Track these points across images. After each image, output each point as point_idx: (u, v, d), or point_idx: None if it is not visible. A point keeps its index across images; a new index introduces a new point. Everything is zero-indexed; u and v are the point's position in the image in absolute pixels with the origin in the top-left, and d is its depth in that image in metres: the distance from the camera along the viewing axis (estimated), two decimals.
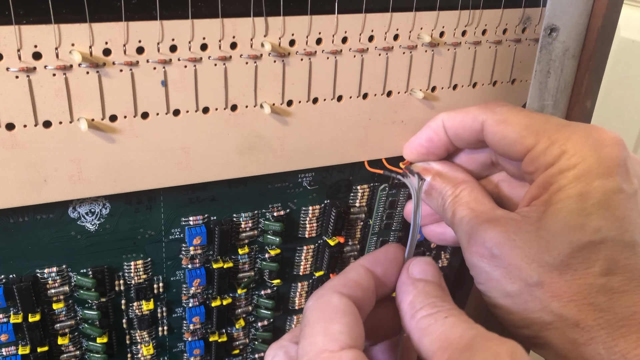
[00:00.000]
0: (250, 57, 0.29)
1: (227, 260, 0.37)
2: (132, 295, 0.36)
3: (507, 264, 0.27)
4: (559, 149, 0.27)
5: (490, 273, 0.27)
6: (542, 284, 0.26)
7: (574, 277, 0.26)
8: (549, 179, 0.27)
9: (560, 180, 0.26)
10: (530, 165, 0.28)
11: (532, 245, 0.26)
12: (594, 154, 0.26)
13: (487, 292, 0.28)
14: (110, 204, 0.32)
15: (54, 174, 0.28)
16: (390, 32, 0.32)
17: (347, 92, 0.33)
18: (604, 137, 0.27)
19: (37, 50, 0.25)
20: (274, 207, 0.37)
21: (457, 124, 0.31)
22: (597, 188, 0.26)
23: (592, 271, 0.26)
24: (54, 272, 0.33)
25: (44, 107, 0.26)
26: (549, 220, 0.26)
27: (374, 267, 0.27)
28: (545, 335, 0.26)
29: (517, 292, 0.27)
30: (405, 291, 0.26)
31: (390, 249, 0.28)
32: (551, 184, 0.27)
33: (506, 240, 0.27)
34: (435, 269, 0.27)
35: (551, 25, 0.33)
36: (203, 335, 0.40)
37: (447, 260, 0.46)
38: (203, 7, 0.27)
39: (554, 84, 0.35)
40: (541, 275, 0.26)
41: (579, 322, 0.26)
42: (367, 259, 0.27)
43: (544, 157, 0.27)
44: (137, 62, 0.27)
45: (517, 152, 0.29)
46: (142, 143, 0.29)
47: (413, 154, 0.34)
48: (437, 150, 0.33)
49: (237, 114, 0.31)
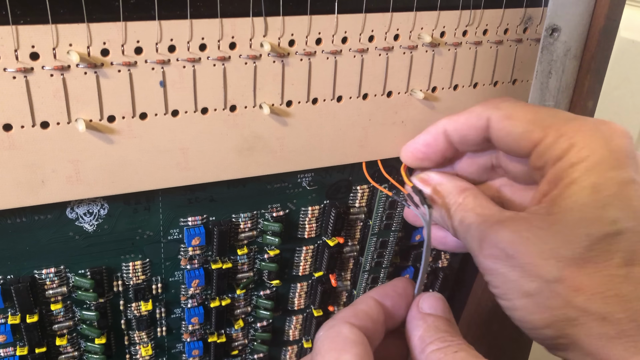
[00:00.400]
0: (250, 57, 0.29)
1: (226, 261, 0.37)
2: (130, 296, 0.36)
3: (523, 262, 0.26)
4: (567, 141, 0.26)
5: (507, 274, 0.27)
6: (563, 279, 0.25)
7: (595, 270, 0.25)
8: (559, 172, 0.26)
9: (571, 174, 0.26)
10: (539, 160, 0.28)
11: (548, 241, 0.26)
12: (604, 145, 0.26)
13: (504, 295, 0.27)
14: (108, 205, 0.32)
15: (51, 174, 0.28)
16: (390, 32, 0.32)
17: (347, 92, 0.33)
18: (613, 129, 0.26)
19: (34, 50, 0.25)
20: (273, 208, 0.37)
21: (461, 125, 0.31)
22: (610, 179, 0.25)
23: (613, 263, 0.25)
24: (52, 273, 0.33)
25: (41, 107, 0.26)
26: (563, 215, 0.26)
27: (383, 299, 0.28)
28: (571, 333, 0.26)
29: (536, 290, 0.26)
30: (416, 325, 0.27)
31: (399, 282, 0.29)
32: (562, 178, 0.26)
33: (519, 238, 0.26)
34: (444, 305, 0.28)
35: (553, 26, 0.33)
36: (202, 335, 0.40)
37: (447, 261, 0.46)
38: (202, 7, 0.27)
39: (555, 85, 0.35)
40: (560, 271, 0.25)
41: (606, 315, 0.25)
42: (376, 291, 0.28)
43: (552, 150, 0.27)
44: (135, 63, 0.27)
45: (524, 148, 0.28)
46: (141, 144, 0.29)
47: (409, 158, 0.33)
48: (433, 156, 0.32)
49: (236, 114, 0.30)
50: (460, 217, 0.29)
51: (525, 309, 0.27)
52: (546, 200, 0.27)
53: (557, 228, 0.26)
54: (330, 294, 0.43)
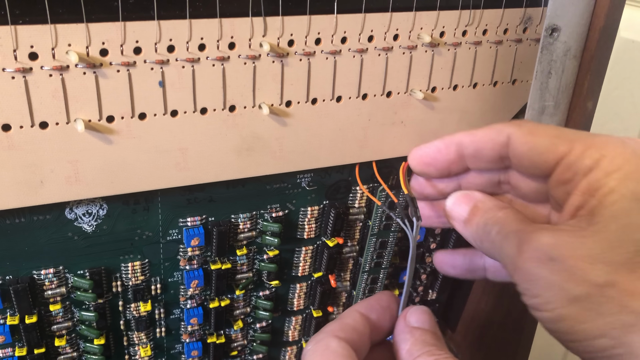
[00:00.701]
0: (249, 57, 0.29)
1: (225, 262, 0.37)
2: (129, 297, 0.36)
3: (569, 265, 0.25)
4: (597, 152, 0.26)
5: (549, 278, 0.25)
6: (614, 283, 0.24)
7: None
8: (593, 182, 0.26)
9: (608, 182, 0.25)
10: (566, 172, 0.27)
11: (593, 247, 0.25)
12: (634, 155, 0.26)
13: (546, 304, 0.26)
14: (107, 205, 0.32)
15: (50, 175, 0.28)
16: (390, 32, 0.32)
17: (347, 92, 0.33)
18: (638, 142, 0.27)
19: (33, 50, 0.25)
20: (273, 208, 0.37)
21: (479, 138, 0.30)
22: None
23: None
24: (50, 274, 0.33)
25: (40, 108, 0.26)
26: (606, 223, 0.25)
27: (368, 312, 0.28)
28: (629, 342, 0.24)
29: (585, 295, 0.25)
30: (403, 339, 0.27)
31: (383, 296, 0.29)
32: (598, 188, 0.26)
33: (563, 242, 0.25)
34: (431, 318, 0.28)
35: (552, 26, 0.33)
36: (201, 336, 0.40)
37: None
38: (201, 7, 0.27)
39: (555, 85, 0.35)
40: (610, 274, 0.24)
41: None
42: (361, 305, 0.29)
43: (582, 161, 0.26)
44: (134, 63, 0.27)
45: (548, 161, 0.28)
46: (140, 144, 0.29)
47: (416, 160, 0.33)
48: (440, 164, 0.32)
49: (235, 114, 0.30)
50: (500, 227, 0.28)
51: (574, 317, 0.25)
52: (583, 213, 0.26)
53: (602, 236, 0.25)
54: (330, 295, 0.43)
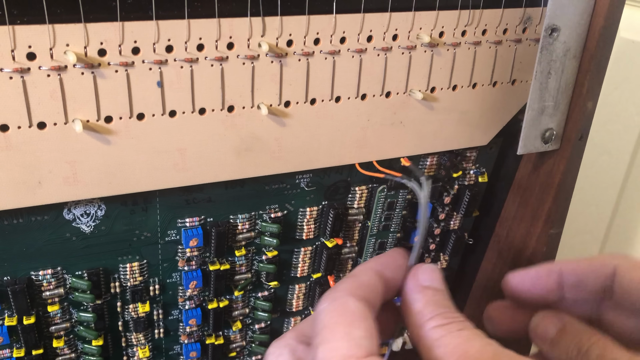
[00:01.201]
0: (247, 57, 0.29)
1: (223, 262, 0.37)
2: (127, 298, 0.36)
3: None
4: None
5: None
6: None
7: None
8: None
9: None
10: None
11: None
12: None
13: None
14: (105, 206, 0.32)
15: (48, 175, 0.28)
16: (389, 32, 0.32)
17: (345, 92, 0.33)
18: None
19: (31, 50, 0.25)
20: (271, 209, 0.37)
21: (583, 269, 0.29)
22: None
23: None
24: (48, 274, 0.32)
25: (38, 108, 0.26)
26: None
27: (383, 270, 0.26)
28: None
29: None
30: (414, 299, 0.25)
31: (396, 254, 0.27)
32: None
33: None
34: (441, 277, 0.26)
35: (552, 26, 0.33)
36: (199, 337, 0.40)
37: (447, 262, 0.46)
38: (199, 6, 0.27)
39: (554, 85, 0.35)
40: None
41: None
42: (376, 262, 0.27)
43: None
44: (132, 63, 0.27)
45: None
46: (138, 144, 0.29)
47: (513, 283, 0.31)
48: (537, 291, 0.31)
49: (233, 115, 0.30)
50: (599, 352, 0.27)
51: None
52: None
53: None
54: None
